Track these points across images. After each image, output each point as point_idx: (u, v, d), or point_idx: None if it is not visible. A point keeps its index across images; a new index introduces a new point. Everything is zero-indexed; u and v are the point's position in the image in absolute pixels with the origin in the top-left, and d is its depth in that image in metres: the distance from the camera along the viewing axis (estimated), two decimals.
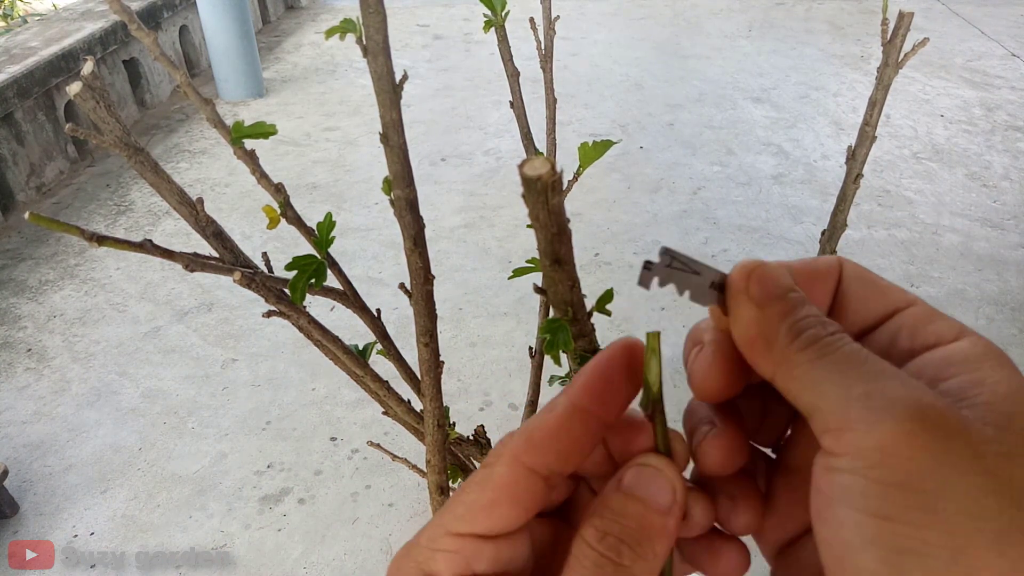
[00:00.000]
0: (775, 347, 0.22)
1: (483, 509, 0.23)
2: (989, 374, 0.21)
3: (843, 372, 0.21)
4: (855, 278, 0.25)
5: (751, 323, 0.23)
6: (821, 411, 0.21)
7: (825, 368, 0.21)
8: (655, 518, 0.22)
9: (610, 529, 0.22)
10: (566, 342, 0.38)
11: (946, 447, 0.19)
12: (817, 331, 0.22)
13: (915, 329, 0.24)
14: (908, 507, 0.19)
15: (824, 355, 0.21)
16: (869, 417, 0.20)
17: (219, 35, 3.10)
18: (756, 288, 0.23)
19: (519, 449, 0.23)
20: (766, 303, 0.23)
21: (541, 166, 0.25)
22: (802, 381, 0.21)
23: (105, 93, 0.41)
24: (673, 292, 0.24)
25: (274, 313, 0.53)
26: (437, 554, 0.23)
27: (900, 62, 0.52)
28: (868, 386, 0.20)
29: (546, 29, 0.63)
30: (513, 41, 0.61)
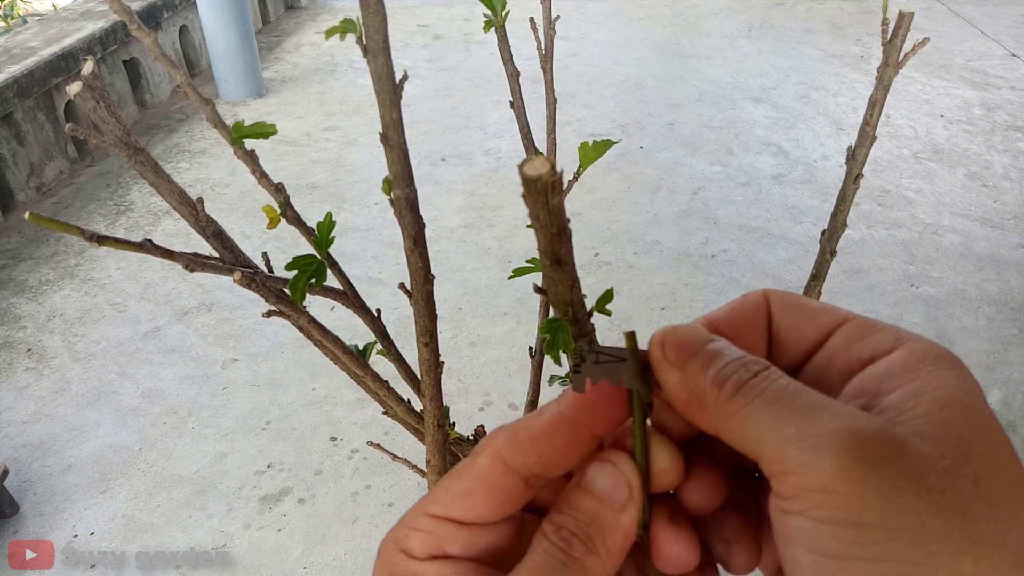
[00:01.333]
0: (706, 403, 0.22)
1: (459, 496, 0.23)
2: (927, 381, 0.21)
3: (774, 413, 0.21)
4: (784, 308, 0.25)
5: (679, 387, 0.23)
6: (763, 457, 0.21)
7: (756, 412, 0.21)
8: (608, 513, 0.22)
9: (564, 522, 0.22)
10: (566, 342, 0.38)
11: (884, 476, 0.19)
12: (740, 375, 0.22)
13: (849, 347, 0.24)
14: (857, 544, 0.19)
15: (751, 400, 0.21)
16: (805, 458, 0.19)
17: (219, 35, 3.10)
18: (672, 352, 0.23)
19: (502, 445, 0.23)
20: (685, 363, 0.23)
21: (541, 166, 0.25)
22: (739, 431, 0.21)
23: (105, 93, 0.41)
24: (673, 292, 0.24)
25: (274, 313, 0.53)
26: (413, 532, 0.23)
27: (900, 62, 0.52)
28: (799, 425, 0.20)
29: (546, 29, 0.63)
30: (513, 41, 0.61)
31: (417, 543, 0.23)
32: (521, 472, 0.23)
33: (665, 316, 1.95)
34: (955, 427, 0.20)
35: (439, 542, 0.23)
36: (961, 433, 0.20)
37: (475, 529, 0.23)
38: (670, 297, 2.02)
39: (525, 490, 0.23)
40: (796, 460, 0.20)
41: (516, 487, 0.23)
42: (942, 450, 0.19)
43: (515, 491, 0.23)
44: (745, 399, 0.21)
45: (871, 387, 0.22)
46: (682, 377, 0.23)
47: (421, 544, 0.23)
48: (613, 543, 0.22)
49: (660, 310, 1.98)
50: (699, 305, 1.99)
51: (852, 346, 0.23)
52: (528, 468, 0.23)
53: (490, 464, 0.23)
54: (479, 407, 1.69)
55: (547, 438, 0.23)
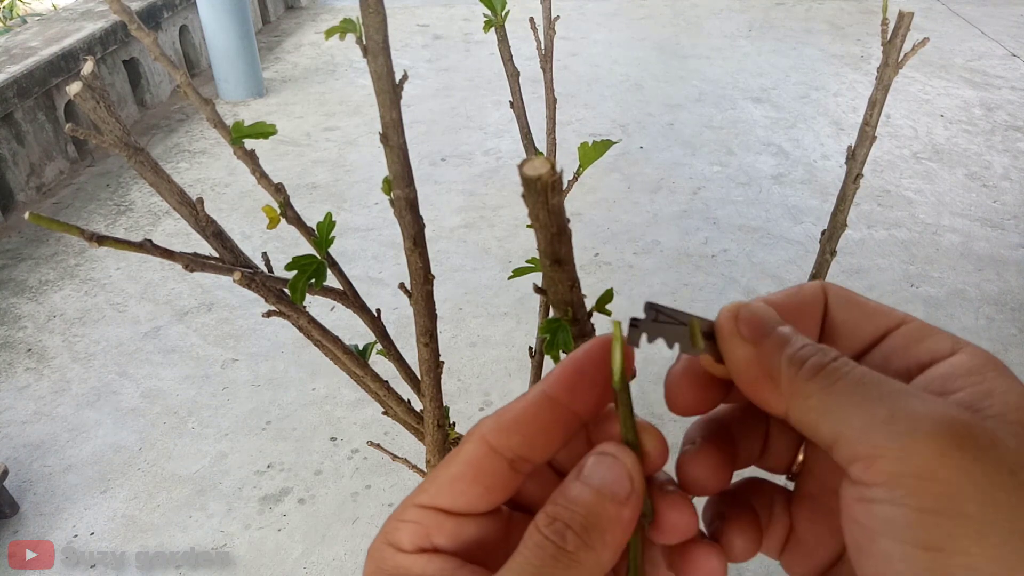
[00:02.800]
0: (781, 382, 0.22)
1: (446, 483, 0.23)
2: (995, 384, 0.21)
3: (860, 396, 0.20)
4: (841, 303, 0.25)
5: (750, 363, 0.22)
6: (846, 439, 0.20)
7: (840, 394, 0.20)
8: (607, 506, 0.22)
9: (559, 515, 0.22)
10: (566, 342, 0.38)
11: (981, 466, 0.18)
12: (819, 358, 0.21)
13: (908, 348, 0.23)
14: (955, 535, 0.18)
15: (834, 381, 0.21)
16: (898, 442, 0.19)
17: (219, 35, 3.10)
18: (746, 328, 0.23)
19: (486, 429, 0.23)
20: (759, 340, 0.22)
21: (541, 166, 0.25)
22: (818, 411, 0.21)
23: (105, 93, 0.41)
24: (673, 292, 0.24)
25: (274, 313, 0.53)
26: (401, 524, 0.23)
27: (900, 62, 0.52)
28: (890, 408, 0.20)
29: (546, 29, 0.63)
30: (513, 41, 0.61)
31: (405, 535, 0.23)
32: (506, 454, 0.23)
33: None
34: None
35: (427, 533, 0.23)
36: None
37: (463, 520, 0.23)
38: (670, 297, 2.02)
39: (511, 475, 0.23)
40: (889, 443, 0.19)
41: (502, 471, 0.23)
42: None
43: (501, 476, 0.23)
44: (828, 380, 0.21)
45: (935, 388, 0.22)
46: (755, 354, 0.22)
47: (409, 536, 0.23)
48: (612, 537, 0.22)
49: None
50: (699, 305, 1.99)
51: (911, 347, 0.23)
52: (513, 450, 0.23)
53: (475, 448, 0.23)
54: (479, 407, 1.69)
55: (530, 418, 0.23)
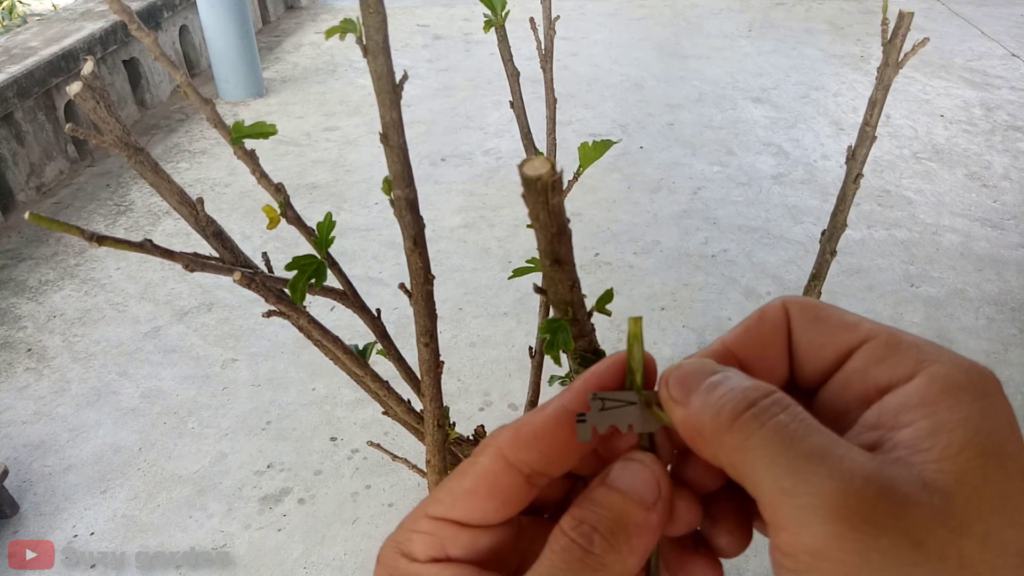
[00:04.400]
0: (707, 436, 0.21)
1: (461, 496, 0.23)
2: (946, 419, 0.19)
3: (770, 458, 0.19)
4: (804, 322, 0.24)
5: (683, 424, 0.22)
6: (759, 501, 0.20)
7: (753, 451, 0.20)
8: (636, 511, 0.22)
9: (586, 518, 0.22)
10: (566, 342, 0.38)
11: (879, 544, 0.18)
12: (736, 406, 0.21)
13: (868, 371, 0.22)
14: None
15: (749, 435, 0.20)
16: (797, 517, 0.19)
17: (219, 35, 3.10)
18: (675, 389, 0.22)
19: (504, 443, 0.23)
20: (687, 399, 0.22)
21: (541, 166, 0.25)
22: (736, 469, 0.20)
23: (105, 93, 0.41)
24: (673, 292, 0.24)
25: (274, 313, 0.53)
26: (414, 535, 0.23)
27: (900, 62, 0.52)
28: (793, 478, 0.19)
29: (546, 29, 0.63)
30: (513, 41, 0.61)
31: (419, 545, 0.23)
32: (523, 469, 0.22)
33: (665, 316, 1.95)
34: (970, 477, 0.18)
35: (441, 544, 0.23)
36: (975, 485, 0.18)
37: (477, 531, 0.23)
38: (670, 297, 2.02)
39: (527, 489, 0.23)
40: (789, 517, 0.19)
41: (518, 486, 0.23)
42: (950, 506, 0.18)
43: (517, 490, 0.23)
44: (743, 433, 0.20)
45: (887, 420, 0.21)
46: (684, 413, 0.22)
47: (423, 547, 0.23)
48: (639, 542, 0.21)
49: (660, 310, 1.98)
50: (699, 305, 1.99)
51: (871, 369, 0.22)
52: (530, 465, 0.22)
53: (491, 463, 0.23)
54: (479, 407, 1.69)
55: (549, 433, 0.22)
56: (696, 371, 0.22)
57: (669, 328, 1.91)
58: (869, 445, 0.21)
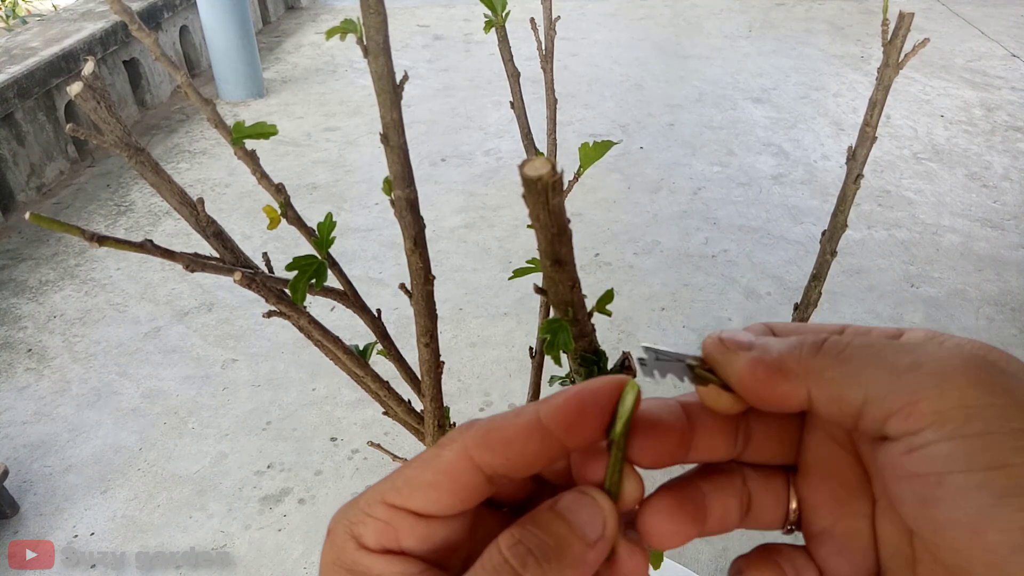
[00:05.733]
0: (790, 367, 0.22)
1: (420, 488, 0.22)
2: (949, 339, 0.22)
3: (874, 356, 0.21)
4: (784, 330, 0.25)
5: (755, 366, 0.23)
6: (876, 398, 0.20)
7: (855, 359, 0.21)
8: (576, 544, 0.22)
9: (525, 539, 0.21)
10: (566, 342, 0.38)
11: (1013, 385, 0.19)
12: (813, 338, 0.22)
13: None
14: (1017, 448, 0.18)
15: (842, 350, 0.21)
16: (932, 381, 0.20)
17: (219, 35, 3.10)
18: (732, 342, 0.23)
19: (471, 442, 0.22)
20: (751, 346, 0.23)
21: (542, 166, 0.25)
22: (840, 381, 0.21)
23: (106, 93, 0.41)
24: (673, 292, 0.24)
25: (274, 313, 0.53)
26: (368, 520, 0.23)
27: (900, 63, 0.52)
28: (911, 356, 0.20)
29: (546, 29, 0.63)
30: (513, 41, 0.61)
31: (371, 532, 0.22)
32: (487, 471, 0.22)
33: (665, 316, 1.95)
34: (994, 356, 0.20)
35: (395, 534, 0.22)
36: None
37: (432, 523, 0.23)
38: (670, 297, 2.02)
39: (487, 487, 0.23)
40: (924, 385, 0.20)
41: (479, 484, 0.23)
42: None
43: (477, 487, 0.23)
44: (836, 351, 0.21)
45: None
46: (754, 356, 0.23)
47: (376, 534, 0.22)
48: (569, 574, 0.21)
49: (660, 310, 1.98)
50: (699, 305, 1.99)
51: None
52: (495, 468, 0.22)
53: (456, 459, 0.22)
54: (479, 407, 1.69)
55: (519, 443, 0.22)
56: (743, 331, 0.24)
57: (669, 328, 1.91)
58: None
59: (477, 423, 0.23)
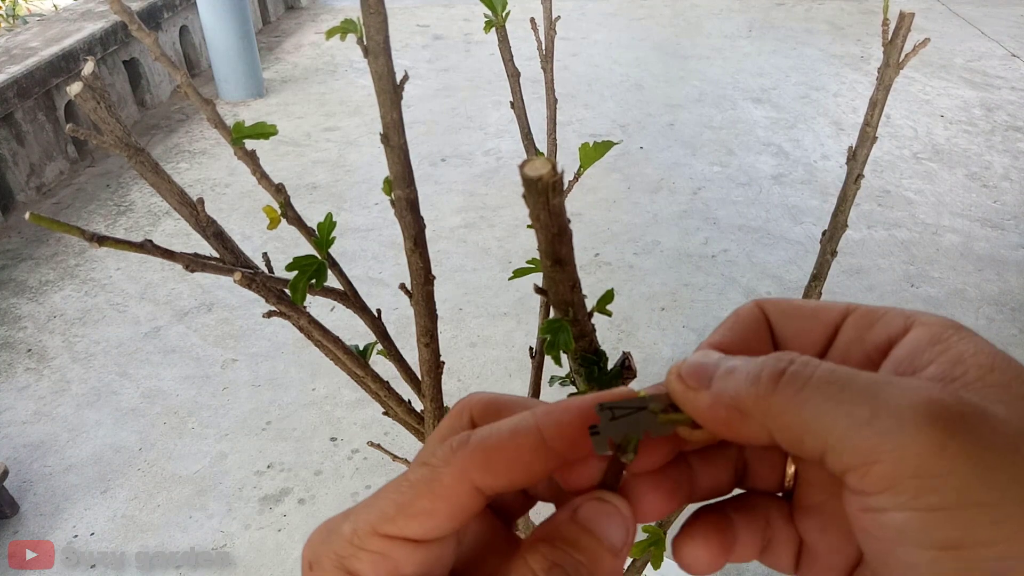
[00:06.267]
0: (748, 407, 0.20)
1: (417, 516, 0.21)
2: (962, 349, 0.20)
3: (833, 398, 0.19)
4: (781, 314, 0.24)
5: (711, 406, 0.21)
6: (832, 449, 0.19)
7: (811, 400, 0.19)
8: (607, 557, 0.21)
9: (561, 560, 0.21)
10: (567, 342, 0.38)
11: (980, 449, 0.17)
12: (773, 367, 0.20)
13: (863, 337, 0.22)
14: (974, 528, 0.17)
15: (800, 388, 0.19)
16: (891, 442, 0.18)
17: (219, 35, 3.10)
18: (691, 378, 0.22)
19: (471, 466, 0.21)
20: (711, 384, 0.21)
21: (542, 166, 0.25)
22: (795, 426, 0.19)
23: (105, 93, 0.41)
24: (673, 292, 0.24)
25: (274, 313, 0.52)
26: (362, 553, 0.21)
27: (900, 63, 0.52)
28: (871, 404, 0.18)
29: (546, 29, 0.63)
30: (513, 41, 0.61)
31: (367, 566, 0.21)
32: (487, 492, 0.22)
33: (665, 316, 1.95)
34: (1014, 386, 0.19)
35: (394, 565, 0.21)
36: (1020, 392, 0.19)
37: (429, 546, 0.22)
38: (670, 297, 2.02)
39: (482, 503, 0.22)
40: (880, 446, 0.18)
41: (478, 503, 0.22)
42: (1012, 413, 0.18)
43: (476, 507, 0.22)
44: (794, 387, 0.19)
45: (903, 368, 0.21)
46: (712, 395, 0.21)
47: (373, 567, 0.21)
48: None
49: (660, 310, 1.98)
50: (699, 305, 1.99)
51: (865, 334, 0.22)
52: (495, 489, 0.22)
53: (456, 485, 0.21)
54: None
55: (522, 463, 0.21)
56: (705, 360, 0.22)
57: (669, 328, 1.91)
58: None
59: (472, 441, 0.22)
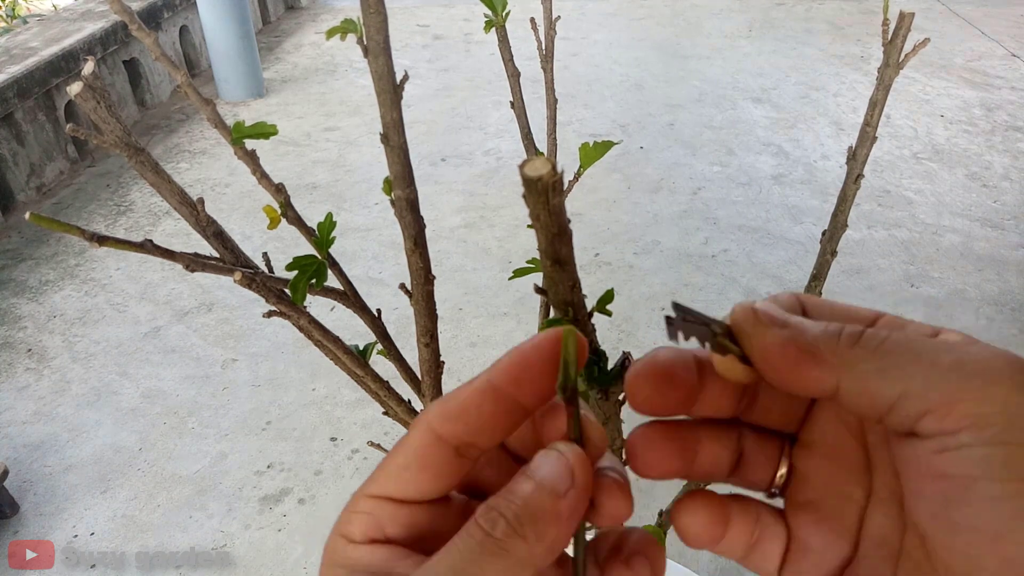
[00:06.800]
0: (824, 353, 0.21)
1: (394, 472, 0.23)
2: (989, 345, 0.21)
3: (914, 352, 0.20)
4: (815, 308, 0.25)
5: (785, 345, 0.22)
6: (912, 394, 0.20)
7: (893, 354, 0.20)
8: (545, 499, 0.21)
9: (497, 504, 0.21)
10: None
11: None
12: (851, 329, 0.21)
13: None
14: None
15: (880, 343, 0.21)
16: (975, 383, 0.19)
17: (219, 35, 3.10)
18: (765, 316, 0.23)
19: (432, 417, 0.23)
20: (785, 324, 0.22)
21: (542, 166, 0.25)
22: (875, 374, 0.20)
23: (105, 93, 0.41)
24: (673, 292, 0.24)
25: (274, 313, 0.53)
26: (354, 516, 0.23)
27: (900, 63, 0.52)
28: (952, 355, 0.20)
29: (546, 29, 0.63)
30: (513, 41, 0.61)
31: (357, 526, 0.23)
32: (451, 441, 0.23)
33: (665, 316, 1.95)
34: None
35: (378, 523, 0.23)
36: None
37: (414, 508, 0.23)
38: (670, 297, 2.02)
39: (458, 461, 0.23)
40: (965, 386, 0.19)
41: (448, 458, 0.23)
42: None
43: (448, 463, 0.23)
44: (873, 343, 0.21)
45: None
46: (787, 334, 0.22)
47: (361, 527, 0.23)
48: (546, 529, 0.21)
49: (660, 310, 1.98)
50: (699, 305, 1.99)
51: None
52: (457, 437, 0.23)
53: (421, 436, 0.23)
54: None
55: (474, 406, 0.22)
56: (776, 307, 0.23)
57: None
58: None
59: (437, 400, 0.23)
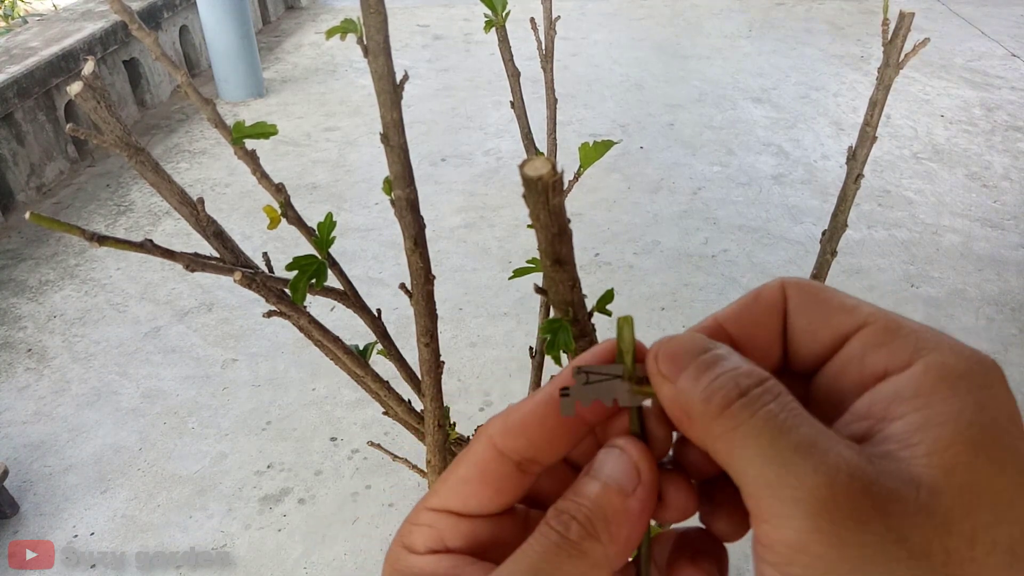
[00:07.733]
0: (695, 419, 0.20)
1: (455, 486, 0.23)
2: (938, 411, 0.19)
3: (756, 449, 0.19)
4: (801, 304, 0.23)
5: (671, 401, 0.21)
6: (743, 491, 0.19)
7: (741, 440, 0.19)
8: (613, 498, 0.21)
9: (566, 507, 0.21)
10: (567, 342, 0.38)
11: (861, 539, 0.17)
12: (728, 392, 0.20)
13: (864, 357, 0.22)
14: None
15: (740, 423, 0.19)
16: (779, 510, 0.18)
17: (219, 35, 3.10)
18: (665, 365, 0.21)
19: (494, 431, 0.23)
20: (677, 376, 0.21)
21: (542, 166, 0.25)
22: (723, 456, 0.20)
23: (106, 93, 0.41)
24: (673, 292, 0.24)
25: (274, 313, 0.52)
26: (415, 528, 0.23)
27: (900, 63, 0.52)
28: (778, 471, 0.18)
29: (546, 29, 0.63)
30: (513, 41, 0.61)
31: (418, 538, 0.23)
32: (513, 456, 0.22)
33: (665, 316, 1.95)
34: (959, 472, 0.18)
35: (439, 535, 0.23)
36: (964, 481, 0.18)
37: (475, 521, 0.23)
38: (670, 297, 2.02)
39: (520, 476, 0.23)
40: (771, 509, 0.18)
41: (510, 473, 0.23)
42: (936, 502, 0.18)
43: (509, 478, 0.23)
44: (733, 422, 0.19)
45: (878, 410, 0.20)
46: (673, 391, 0.21)
47: (423, 539, 0.23)
48: (618, 529, 0.21)
49: (660, 310, 1.98)
50: (699, 305, 1.99)
51: (867, 356, 0.21)
52: (519, 452, 0.22)
53: (483, 451, 0.23)
54: (479, 407, 1.69)
55: (535, 421, 0.22)
56: (687, 347, 0.22)
57: (669, 328, 1.91)
58: (859, 435, 0.20)
59: (499, 414, 0.23)
